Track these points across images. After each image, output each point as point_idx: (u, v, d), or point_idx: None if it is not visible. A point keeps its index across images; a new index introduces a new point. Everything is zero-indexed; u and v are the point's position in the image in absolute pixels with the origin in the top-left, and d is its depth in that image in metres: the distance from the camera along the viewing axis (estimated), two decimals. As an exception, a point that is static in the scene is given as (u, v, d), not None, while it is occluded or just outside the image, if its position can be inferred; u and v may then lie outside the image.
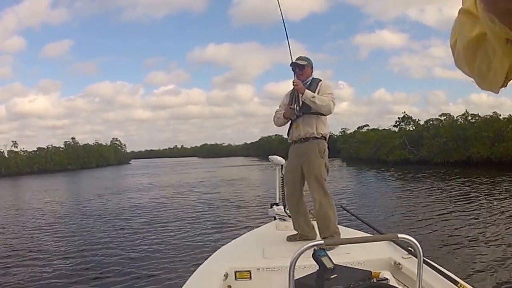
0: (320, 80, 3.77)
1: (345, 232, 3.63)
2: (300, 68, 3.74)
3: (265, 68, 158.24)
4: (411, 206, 11.36)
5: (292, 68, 3.77)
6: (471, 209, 10.13)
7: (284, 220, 4.20)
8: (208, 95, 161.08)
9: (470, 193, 13.26)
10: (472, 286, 2.30)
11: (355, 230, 3.95)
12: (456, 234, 7.56)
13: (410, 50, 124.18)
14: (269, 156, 4.64)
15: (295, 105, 3.69)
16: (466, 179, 17.63)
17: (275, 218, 4.37)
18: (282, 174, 4.40)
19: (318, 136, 3.65)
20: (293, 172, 3.77)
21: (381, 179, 21.13)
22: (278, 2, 3.98)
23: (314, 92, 3.62)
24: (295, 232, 3.73)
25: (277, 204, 4.46)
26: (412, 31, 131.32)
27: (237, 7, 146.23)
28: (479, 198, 12.04)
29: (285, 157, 4.02)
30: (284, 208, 4.31)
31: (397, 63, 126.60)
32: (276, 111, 3.95)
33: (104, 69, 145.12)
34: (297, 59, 3.80)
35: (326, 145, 3.72)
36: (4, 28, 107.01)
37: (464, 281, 2.37)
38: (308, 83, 3.72)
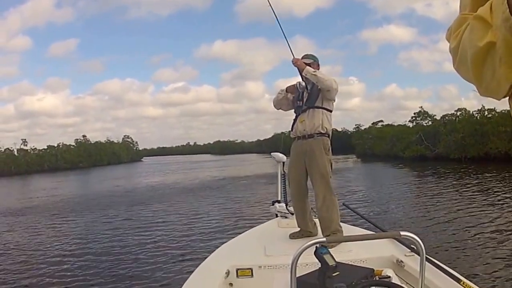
0: None
1: (348, 229, 3.61)
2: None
3: (273, 64, 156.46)
4: (425, 204, 11.14)
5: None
6: (485, 206, 9.92)
7: (286, 217, 4.18)
8: (218, 92, 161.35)
9: (487, 189, 12.98)
10: (476, 285, 2.24)
11: (358, 228, 3.93)
12: (467, 232, 7.41)
13: (419, 44, 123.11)
14: (271, 153, 4.64)
15: (298, 83, 3.76)
16: (483, 175, 17.29)
17: (277, 216, 4.34)
18: (283, 171, 4.38)
19: (323, 132, 3.65)
20: (296, 169, 3.76)
21: (396, 175, 20.81)
22: (271, 5, 3.95)
23: None
24: (298, 229, 3.72)
25: (279, 202, 4.43)
26: (420, 26, 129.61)
27: (241, 4, 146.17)
28: (495, 195, 11.76)
29: (287, 154, 4.01)
30: (286, 205, 4.29)
31: (406, 58, 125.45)
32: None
33: (110, 67, 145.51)
34: (302, 57, 3.82)
35: (330, 142, 3.71)
36: (9, 27, 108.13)
37: (467, 279, 2.32)
38: None
